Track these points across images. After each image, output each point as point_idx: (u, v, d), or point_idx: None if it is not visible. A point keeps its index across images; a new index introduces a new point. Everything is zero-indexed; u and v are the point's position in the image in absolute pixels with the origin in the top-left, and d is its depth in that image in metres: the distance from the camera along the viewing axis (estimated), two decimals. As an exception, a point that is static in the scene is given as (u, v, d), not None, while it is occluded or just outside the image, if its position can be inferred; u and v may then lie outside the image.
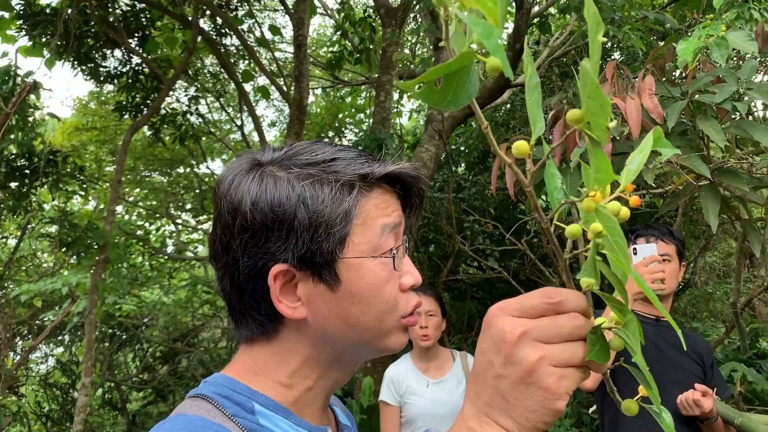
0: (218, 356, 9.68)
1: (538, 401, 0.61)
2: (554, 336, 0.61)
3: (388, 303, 0.80)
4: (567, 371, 0.61)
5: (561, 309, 0.62)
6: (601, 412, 2.47)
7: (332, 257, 0.77)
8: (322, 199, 0.77)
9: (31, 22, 6.38)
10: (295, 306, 0.79)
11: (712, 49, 2.13)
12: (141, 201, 11.38)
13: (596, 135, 0.58)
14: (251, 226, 0.77)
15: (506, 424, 0.62)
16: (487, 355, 0.64)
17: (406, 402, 3.06)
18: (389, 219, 0.81)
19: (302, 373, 0.82)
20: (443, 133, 6.31)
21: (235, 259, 0.79)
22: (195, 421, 0.72)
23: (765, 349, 5.21)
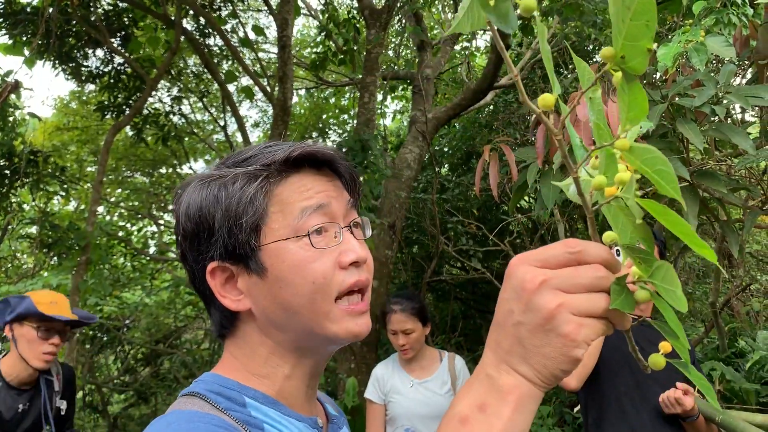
0: (201, 358, 9.63)
1: (556, 348, 0.61)
2: (575, 285, 0.61)
3: (315, 282, 0.81)
4: (587, 320, 0.61)
5: (583, 259, 0.62)
6: (585, 411, 2.50)
7: (250, 246, 0.81)
8: (231, 194, 0.82)
9: (11, 20, 6.31)
10: (238, 299, 0.84)
11: (691, 54, 2.16)
12: (123, 201, 11.29)
13: (634, 66, 0.56)
14: (187, 233, 0.84)
15: (524, 371, 0.63)
16: (508, 303, 0.64)
17: (390, 401, 3.08)
18: (310, 201, 0.83)
19: (273, 362, 0.85)
20: (427, 134, 6.34)
21: (189, 264, 0.86)
22: (190, 415, 0.75)
23: (743, 348, 5.29)
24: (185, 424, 0.72)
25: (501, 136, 6.38)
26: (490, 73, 5.88)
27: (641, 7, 0.53)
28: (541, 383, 0.63)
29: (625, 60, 0.56)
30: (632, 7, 0.53)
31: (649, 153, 0.56)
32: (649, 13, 0.53)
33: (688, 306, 3.85)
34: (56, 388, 2.73)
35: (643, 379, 2.38)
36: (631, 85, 0.57)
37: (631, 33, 0.54)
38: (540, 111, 0.62)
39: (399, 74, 8.40)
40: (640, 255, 0.62)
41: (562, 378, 0.63)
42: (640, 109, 0.58)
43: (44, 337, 2.52)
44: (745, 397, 4.33)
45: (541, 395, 0.64)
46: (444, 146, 8.44)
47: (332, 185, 0.87)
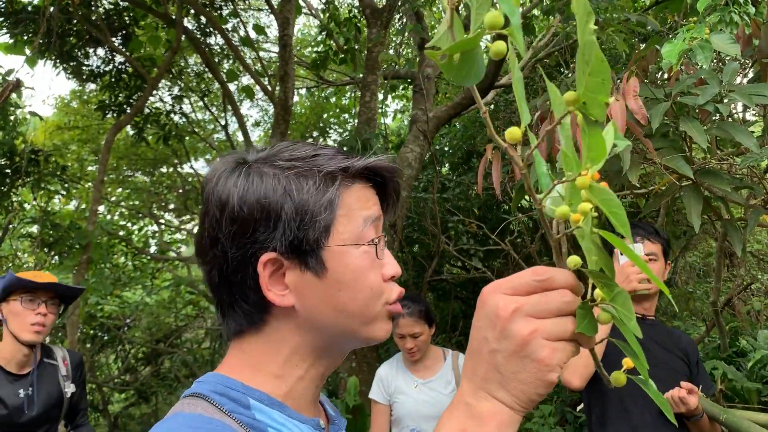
0: (201, 357, 9.63)
1: (532, 373, 0.63)
2: (545, 311, 0.64)
3: (373, 289, 0.84)
4: (559, 344, 0.64)
5: (550, 286, 0.65)
6: (588, 410, 2.49)
7: (318, 245, 0.81)
8: (307, 189, 0.81)
9: (12, 20, 6.31)
10: (283, 294, 0.82)
11: (696, 51, 2.16)
12: (123, 201, 11.28)
13: (593, 113, 0.60)
14: (239, 218, 0.81)
15: (502, 396, 0.65)
16: (482, 331, 0.67)
17: (394, 401, 3.08)
18: (370, 212, 0.86)
19: (293, 362, 0.84)
20: (428, 133, 6.34)
21: (224, 251, 0.82)
22: (195, 418, 0.74)
23: (744, 347, 5.28)
24: (186, 430, 0.71)
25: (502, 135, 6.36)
26: (490, 73, 5.87)
27: (597, 68, 0.57)
28: (519, 408, 0.65)
29: (586, 106, 0.60)
30: (590, 64, 0.57)
31: (606, 194, 0.60)
32: (604, 73, 0.57)
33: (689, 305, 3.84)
34: (63, 372, 2.68)
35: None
36: (591, 129, 0.61)
37: (590, 86, 0.58)
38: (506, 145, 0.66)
39: (400, 73, 8.39)
40: (603, 280, 0.66)
41: (538, 401, 0.66)
42: (600, 151, 0.61)
43: (29, 307, 2.49)
44: (747, 396, 4.33)
45: (519, 419, 0.66)
46: (445, 145, 8.44)
47: (379, 199, 0.90)
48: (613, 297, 0.66)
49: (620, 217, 0.60)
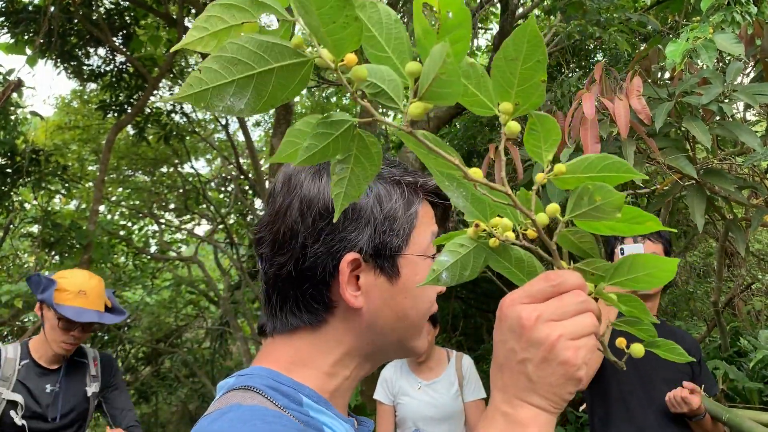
0: (202, 356, 9.64)
1: (561, 375, 0.66)
2: (564, 313, 0.67)
3: (431, 301, 0.89)
4: (581, 342, 0.67)
5: (564, 289, 0.68)
6: (591, 410, 2.49)
7: (398, 252, 0.85)
8: (395, 198, 0.86)
9: (13, 19, 6.31)
10: (356, 294, 0.84)
11: (700, 51, 2.16)
12: (124, 200, 11.28)
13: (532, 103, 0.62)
14: (330, 215, 0.83)
15: (537, 402, 0.67)
16: (508, 344, 0.69)
17: (398, 402, 3.08)
18: (434, 227, 0.91)
19: (343, 363, 0.86)
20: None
21: (304, 246, 0.83)
22: (263, 412, 0.72)
23: (745, 347, 5.28)
24: (261, 424, 0.70)
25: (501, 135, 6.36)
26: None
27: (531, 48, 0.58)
28: (554, 409, 0.68)
29: (520, 105, 0.62)
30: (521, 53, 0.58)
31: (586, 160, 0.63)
32: (539, 49, 0.58)
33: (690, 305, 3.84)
34: (92, 372, 2.68)
35: (649, 378, 2.37)
36: (539, 117, 0.64)
37: (524, 77, 0.60)
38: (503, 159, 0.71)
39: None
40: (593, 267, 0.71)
41: (570, 399, 0.69)
42: (555, 134, 0.64)
43: (65, 328, 2.46)
44: (749, 396, 4.33)
45: (555, 420, 0.70)
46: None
47: None
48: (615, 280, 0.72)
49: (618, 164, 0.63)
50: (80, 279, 2.48)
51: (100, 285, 2.56)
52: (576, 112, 2.25)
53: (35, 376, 2.50)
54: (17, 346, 2.55)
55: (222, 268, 10.79)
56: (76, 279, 2.47)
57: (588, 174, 0.64)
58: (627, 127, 2.09)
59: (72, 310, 2.40)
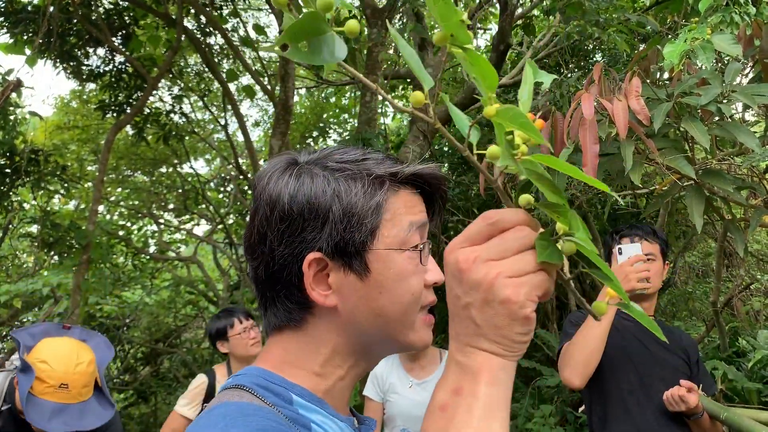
0: (201, 357, 9.62)
1: (504, 315, 0.65)
2: (504, 251, 0.65)
3: (414, 294, 0.84)
4: (524, 279, 0.65)
5: (504, 227, 0.66)
6: (589, 410, 2.50)
7: (363, 247, 0.83)
8: (355, 192, 0.83)
9: (12, 19, 6.31)
10: (326, 294, 0.84)
11: (698, 52, 2.16)
12: (123, 201, 11.28)
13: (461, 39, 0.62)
14: (289, 217, 0.83)
15: (486, 346, 0.66)
16: (453, 290, 0.68)
17: (387, 400, 3.07)
18: (416, 217, 0.86)
19: (334, 363, 0.85)
20: (427, 133, 6.34)
21: (272, 249, 0.84)
22: (244, 407, 0.74)
23: (744, 348, 5.28)
24: (240, 416, 0.71)
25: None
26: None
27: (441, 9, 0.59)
28: (507, 353, 0.67)
29: (455, 37, 0.62)
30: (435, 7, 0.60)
31: (510, 111, 0.62)
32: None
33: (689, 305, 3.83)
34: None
35: (647, 377, 2.38)
36: (472, 56, 0.63)
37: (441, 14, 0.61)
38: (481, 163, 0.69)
39: (400, 73, 8.39)
40: (555, 209, 0.66)
41: (524, 341, 0.67)
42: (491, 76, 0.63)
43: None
44: (747, 396, 4.33)
45: (512, 364, 0.68)
46: (444, 145, 8.44)
47: (424, 205, 0.91)
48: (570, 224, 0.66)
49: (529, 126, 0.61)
50: (64, 368, 2.12)
51: (89, 369, 2.20)
52: (575, 112, 2.25)
53: (12, 425, 2.17)
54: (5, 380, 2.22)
55: (221, 268, 10.80)
56: (60, 367, 2.11)
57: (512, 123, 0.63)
58: (626, 128, 2.09)
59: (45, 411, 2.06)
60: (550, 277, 0.67)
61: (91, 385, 2.21)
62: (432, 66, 7.11)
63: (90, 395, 2.20)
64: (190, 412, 3.06)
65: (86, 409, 2.16)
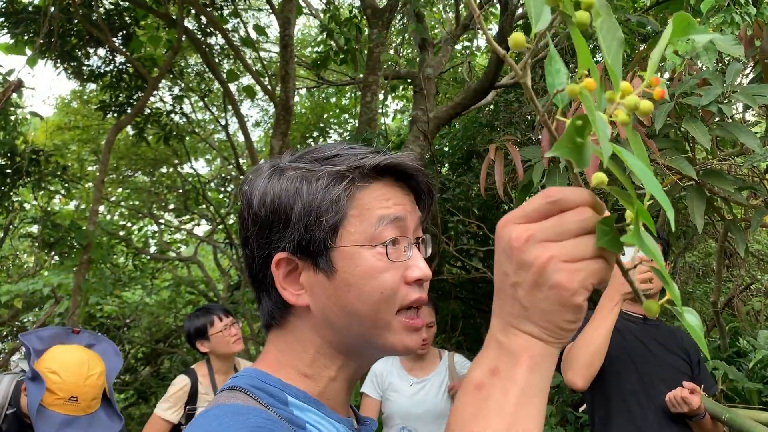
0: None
1: (554, 300, 0.61)
2: (562, 233, 0.61)
3: (384, 292, 0.81)
4: (580, 264, 0.60)
5: (565, 206, 0.62)
6: (591, 410, 2.50)
7: (325, 246, 0.81)
8: (315, 189, 0.81)
9: (13, 20, 6.31)
10: (298, 293, 0.83)
11: (699, 52, 2.17)
12: (123, 201, 11.28)
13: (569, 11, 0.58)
14: (258, 220, 0.84)
15: (530, 329, 0.63)
16: (501, 266, 0.65)
17: (386, 398, 3.06)
18: (388, 211, 0.83)
19: (321, 363, 0.85)
20: (428, 133, 6.34)
21: (251, 251, 0.86)
22: (237, 408, 0.74)
23: (745, 348, 5.29)
24: (233, 417, 0.71)
25: (502, 135, 6.38)
26: (491, 73, 5.87)
27: None
28: (551, 338, 0.63)
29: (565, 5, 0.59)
30: None
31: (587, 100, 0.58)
32: None
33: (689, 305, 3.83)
34: None
35: (649, 378, 2.38)
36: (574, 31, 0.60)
37: None
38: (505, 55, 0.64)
39: (400, 73, 8.39)
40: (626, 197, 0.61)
41: (572, 329, 0.63)
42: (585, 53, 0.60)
43: None
44: (748, 396, 4.33)
45: (555, 351, 0.64)
46: (445, 146, 8.44)
47: (408, 199, 0.88)
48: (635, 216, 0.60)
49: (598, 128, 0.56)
50: (74, 379, 2.11)
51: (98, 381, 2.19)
52: (576, 112, 2.26)
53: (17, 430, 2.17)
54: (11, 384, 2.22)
55: (221, 268, 10.80)
56: (70, 379, 2.10)
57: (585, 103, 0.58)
58: (627, 128, 2.10)
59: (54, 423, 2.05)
60: (608, 265, 0.62)
61: (100, 396, 2.21)
62: (432, 66, 7.12)
63: (98, 407, 2.19)
64: (172, 416, 3.03)
65: (94, 421, 2.16)
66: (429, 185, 0.90)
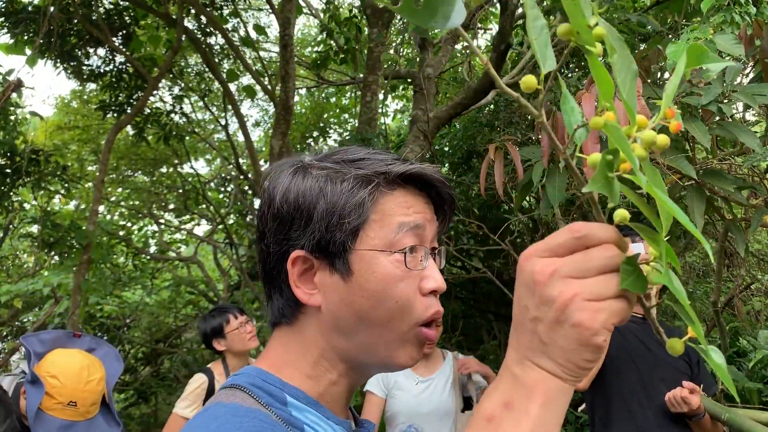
0: (201, 357, 9.62)
1: (574, 339, 0.59)
2: (586, 270, 0.59)
3: (399, 302, 0.80)
4: (603, 304, 0.59)
5: (590, 242, 0.60)
6: (591, 410, 2.50)
7: (344, 247, 0.81)
8: (340, 191, 0.81)
9: (13, 19, 6.31)
10: (311, 293, 0.83)
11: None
12: (123, 201, 11.28)
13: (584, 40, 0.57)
14: (279, 215, 0.84)
15: (547, 365, 0.62)
16: (522, 300, 0.63)
17: (392, 396, 3.06)
18: (409, 218, 0.83)
19: (324, 365, 0.84)
20: (428, 133, 6.33)
21: (268, 246, 0.86)
22: (235, 408, 0.74)
23: (745, 348, 5.29)
24: (232, 417, 0.71)
25: (502, 135, 6.38)
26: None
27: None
28: (568, 376, 0.62)
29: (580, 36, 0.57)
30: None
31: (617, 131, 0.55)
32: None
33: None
34: None
35: (649, 378, 2.38)
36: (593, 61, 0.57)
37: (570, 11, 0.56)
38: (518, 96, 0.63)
39: (400, 73, 8.38)
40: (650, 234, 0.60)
41: (589, 368, 0.61)
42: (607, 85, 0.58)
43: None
44: (748, 396, 4.33)
45: (570, 389, 0.62)
46: (445, 145, 8.43)
47: (429, 209, 0.87)
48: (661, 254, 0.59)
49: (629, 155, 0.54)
50: (74, 385, 2.09)
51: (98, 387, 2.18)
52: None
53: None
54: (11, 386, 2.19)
55: (221, 268, 10.79)
56: (69, 384, 2.09)
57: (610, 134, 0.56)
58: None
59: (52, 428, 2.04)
60: (630, 304, 0.61)
61: (99, 402, 2.18)
62: (432, 66, 7.12)
63: (97, 412, 2.17)
64: (192, 413, 3.03)
65: (93, 426, 2.15)
66: (451, 197, 0.90)
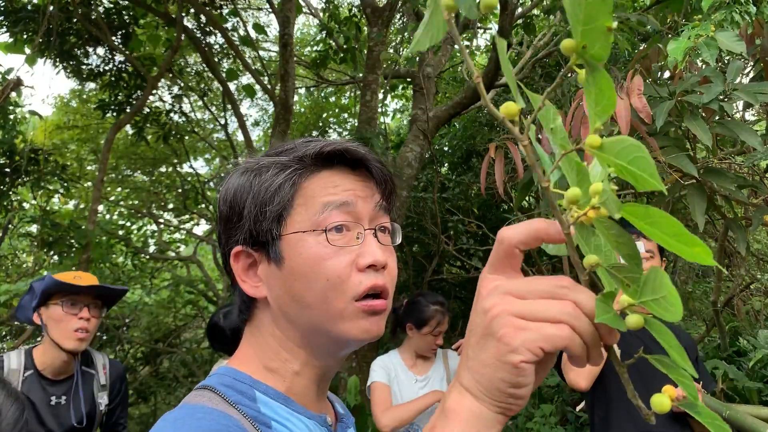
0: (201, 357, 9.62)
1: (492, 353, 0.54)
2: (528, 292, 0.55)
3: (330, 280, 0.80)
4: (531, 324, 0.53)
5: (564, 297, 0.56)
6: (591, 410, 2.49)
7: (272, 235, 0.83)
8: (262, 182, 0.84)
9: (12, 19, 6.30)
10: (257, 285, 0.85)
11: (701, 49, 2.16)
12: (123, 200, 11.27)
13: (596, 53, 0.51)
14: (222, 216, 0.88)
15: (466, 381, 0.57)
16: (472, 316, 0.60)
17: (392, 394, 3.06)
18: (335, 197, 0.83)
19: (283, 357, 0.85)
20: (428, 132, 6.33)
21: (222, 247, 0.90)
22: (197, 409, 0.75)
23: (744, 347, 5.28)
24: (190, 420, 0.72)
25: (502, 134, 6.37)
26: (490, 72, 5.87)
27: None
28: (484, 397, 0.56)
29: (587, 49, 0.51)
30: None
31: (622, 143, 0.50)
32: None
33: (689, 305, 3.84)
34: (102, 381, 2.49)
35: (649, 377, 2.37)
36: (595, 75, 0.52)
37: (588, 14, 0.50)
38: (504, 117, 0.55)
39: (400, 72, 8.38)
40: (627, 275, 0.54)
41: (508, 393, 0.55)
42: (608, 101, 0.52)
43: (71, 312, 2.30)
44: (748, 395, 4.33)
45: (486, 412, 0.56)
46: (444, 145, 8.44)
47: (362, 185, 0.86)
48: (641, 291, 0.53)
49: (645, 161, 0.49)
50: (70, 272, 2.40)
51: (92, 276, 2.46)
52: (576, 111, 2.25)
53: (39, 389, 2.32)
54: (20, 353, 2.37)
55: (221, 267, 10.78)
56: (67, 273, 2.38)
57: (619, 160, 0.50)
58: (628, 126, 2.09)
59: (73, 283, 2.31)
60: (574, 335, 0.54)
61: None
62: (432, 65, 7.11)
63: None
64: None
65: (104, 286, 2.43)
66: (382, 171, 0.88)
